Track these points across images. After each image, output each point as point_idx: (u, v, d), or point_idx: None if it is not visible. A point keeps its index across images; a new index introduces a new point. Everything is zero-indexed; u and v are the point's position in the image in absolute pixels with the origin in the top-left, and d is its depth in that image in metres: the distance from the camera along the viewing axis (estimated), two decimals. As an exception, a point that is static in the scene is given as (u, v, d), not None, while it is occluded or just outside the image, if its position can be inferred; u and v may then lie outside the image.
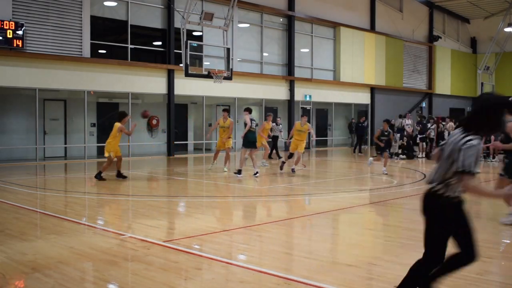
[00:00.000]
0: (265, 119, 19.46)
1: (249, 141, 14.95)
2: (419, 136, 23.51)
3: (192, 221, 8.69)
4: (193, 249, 6.64)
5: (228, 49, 20.26)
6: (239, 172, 14.71)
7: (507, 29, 34.21)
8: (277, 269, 5.66)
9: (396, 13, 35.29)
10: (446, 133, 22.89)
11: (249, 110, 15.70)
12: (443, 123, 24.89)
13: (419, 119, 24.76)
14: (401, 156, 22.47)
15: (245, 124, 15.12)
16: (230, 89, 24.68)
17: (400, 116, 24.79)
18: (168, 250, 6.54)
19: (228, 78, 19.92)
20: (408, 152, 22.72)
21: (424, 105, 37.88)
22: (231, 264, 5.97)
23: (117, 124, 13.92)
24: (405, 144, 23.01)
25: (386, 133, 16.19)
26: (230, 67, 20.07)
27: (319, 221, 8.83)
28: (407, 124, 23.86)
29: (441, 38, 38.82)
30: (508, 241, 7.47)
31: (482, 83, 35.29)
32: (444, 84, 39.60)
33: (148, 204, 10.32)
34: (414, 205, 10.59)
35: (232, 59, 21.24)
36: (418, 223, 8.63)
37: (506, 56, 38.58)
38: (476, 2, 36.48)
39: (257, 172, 14.76)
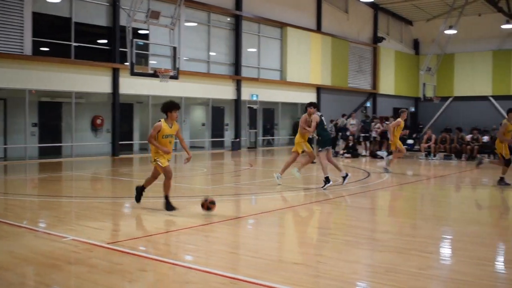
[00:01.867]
0: (399, 116, 16.01)
1: (327, 139, 12.50)
2: (361, 135, 24.04)
3: (138, 222, 8.55)
4: (138, 250, 6.53)
5: (174, 48, 20.13)
6: (327, 180, 12.16)
7: (448, 32, 35.31)
8: (224, 269, 5.64)
9: (342, 14, 35.89)
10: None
11: (314, 105, 12.51)
12: (387, 122, 25.48)
13: (364, 118, 25.28)
14: (345, 154, 22.85)
15: (319, 122, 12.27)
16: (177, 89, 24.46)
17: (343, 116, 25.22)
18: (112, 252, 6.40)
19: (175, 77, 19.78)
20: (353, 151, 23.16)
21: (368, 104, 38.67)
22: (176, 265, 5.90)
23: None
24: (351, 143, 23.44)
25: None
26: (177, 66, 19.95)
27: (265, 220, 8.86)
28: (351, 124, 24.31)
29: (385, 39, 39.73)
30: (449, 237, 7.70)
31: (424, 84, 36.29)
32: (388, 84, 40.55)
33: (91, 205, 10.08)
34: (359, 203, 10.83)
35: (178, 58, 21.08)
36: (362, 220, 8.85)
37: (447, 58, 39.90)
38: (419, 4, 37.52)
39: (330, 181, 12.20)
